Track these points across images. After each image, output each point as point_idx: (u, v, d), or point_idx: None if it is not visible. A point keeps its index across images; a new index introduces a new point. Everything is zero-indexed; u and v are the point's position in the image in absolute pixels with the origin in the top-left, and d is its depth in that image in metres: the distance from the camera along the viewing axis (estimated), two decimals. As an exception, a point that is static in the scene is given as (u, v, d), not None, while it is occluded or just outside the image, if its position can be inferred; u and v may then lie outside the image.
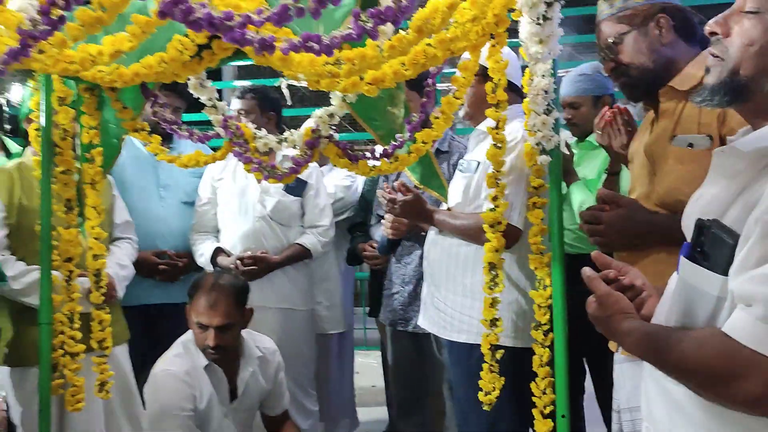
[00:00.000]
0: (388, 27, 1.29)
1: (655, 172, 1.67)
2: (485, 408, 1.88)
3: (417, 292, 2.56)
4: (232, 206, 2.86)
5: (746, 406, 0.92)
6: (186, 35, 1.81)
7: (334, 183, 3.19)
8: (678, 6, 1.72)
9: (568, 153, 2.38)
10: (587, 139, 2.66)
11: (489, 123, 1.91)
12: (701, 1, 3.99)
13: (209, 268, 2.81)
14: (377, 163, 2.07)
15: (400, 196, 2.28)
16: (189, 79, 2.10)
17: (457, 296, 2.17)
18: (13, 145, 3.03)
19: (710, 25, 1.08)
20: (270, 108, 2.88)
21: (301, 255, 2.84)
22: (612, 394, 1.81)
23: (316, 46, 1.20)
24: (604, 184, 2.22)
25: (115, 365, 2.39)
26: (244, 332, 2.40)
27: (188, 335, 2.36)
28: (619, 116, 2.05)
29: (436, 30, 1.38)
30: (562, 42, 1.75)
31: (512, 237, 2.05)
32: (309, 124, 2.72)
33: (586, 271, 1.17)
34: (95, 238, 2.25)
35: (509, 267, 2.14)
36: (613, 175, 2.22)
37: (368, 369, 4.58)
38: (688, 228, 1.12)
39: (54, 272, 2.16)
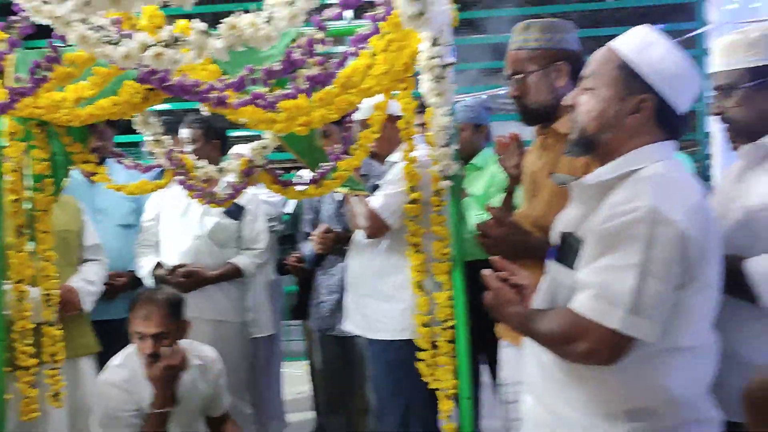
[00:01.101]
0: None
1: (535, 196, 2.08)
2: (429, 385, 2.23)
3: (342, 299, 2.89)
4: (174, 224, 3.10)
5: (583, 359, 1.31)
6: (134, 79, 2.08)
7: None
8: (577, 53, 2.07)
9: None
10: (471, 162, 3.09)
11: (399, 155, 2.27)
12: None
13: (148, 279, 3.04)
14: (306, 187, 2.39)
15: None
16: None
17: (376, 301, 2.51)
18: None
19: (564, 101, 1.49)
20: (214, 137, 3.13)
21: (234, 274, 3.10)
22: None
23: (262, 103, 1.52)
24: (502, 201, 2.62)
25: (80, 376, 2.61)
26: (185, 342, 2.64)
27: (130, 347, 2.59)
28: (513, 142, 2.46)
29: (357, 85, 1.73)
30: (470, 68, 2.14)
31: (381, 230, 2.46)
32: (238, 150, 3.02)
33: (485, 271, 1.54)
34: (46, 261, 2.45)
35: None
36: (509, 193, 2.62)
37: (292, 378, 4.83)
38: (555, 238, 1.51)
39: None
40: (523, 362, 1.55)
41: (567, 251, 1.42)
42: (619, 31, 1.51)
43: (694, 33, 4.87)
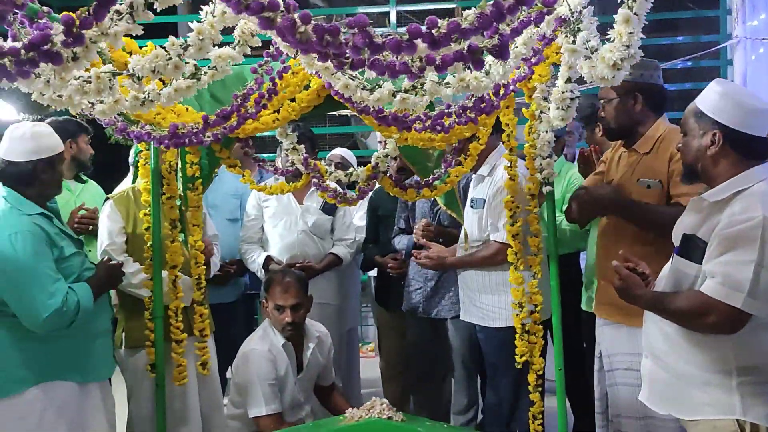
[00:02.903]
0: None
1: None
2: (517, 366, 2.67)
3: (437, 287, 3.30)
4: (278, 222, 3.56)
5: (710, 329, 1.76)
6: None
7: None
8: (651, 84, 2.52)
9: None
10: None
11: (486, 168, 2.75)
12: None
13: (260, 272, 3.47)
14: (421, 190, 2.81)
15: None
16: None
17: (486, 294, 2.94)
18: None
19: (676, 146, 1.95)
20: (315, 146, 3.60)
21: (336, 263, 3.59)
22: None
23: (439, 128, 1.94)
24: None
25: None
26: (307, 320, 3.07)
27: (265, 323, 3.02)
28: (593, 153, 2.92)
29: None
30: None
31: (504, 253, 2.75)
32: (337, 152, 3.41)
33: (614, 262, 1.95)
34: (197, 249, 2.87)
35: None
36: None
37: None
38: (677, 238, 1.94)
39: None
40: (647, 333, 1.97)
41: (690, 248, 1.85)
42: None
43: (718, 47, 5.32)
